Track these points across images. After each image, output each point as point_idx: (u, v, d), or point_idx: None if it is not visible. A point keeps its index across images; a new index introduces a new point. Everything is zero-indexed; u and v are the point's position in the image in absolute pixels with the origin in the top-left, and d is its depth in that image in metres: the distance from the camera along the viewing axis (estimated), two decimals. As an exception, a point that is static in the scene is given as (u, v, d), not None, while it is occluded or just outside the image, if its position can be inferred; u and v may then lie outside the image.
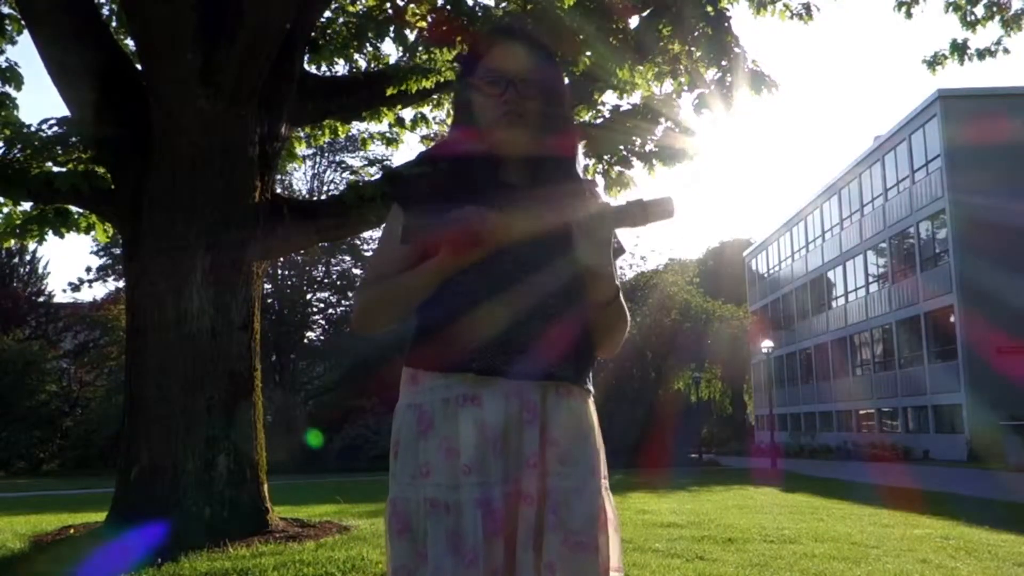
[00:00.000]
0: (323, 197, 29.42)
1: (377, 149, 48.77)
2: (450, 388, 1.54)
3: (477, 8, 6.58)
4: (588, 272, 1.55)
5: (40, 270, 37.49)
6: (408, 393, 1.60)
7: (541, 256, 1.55)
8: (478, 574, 1.45)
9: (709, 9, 6.50)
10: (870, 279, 35.74)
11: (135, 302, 5.87)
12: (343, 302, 36.79)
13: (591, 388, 1.64)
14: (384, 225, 1.68)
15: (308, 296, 36.80)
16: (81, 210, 7.07)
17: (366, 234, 34.09)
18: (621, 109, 7.56)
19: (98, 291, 61.52)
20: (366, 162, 29.99)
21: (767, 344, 30.59)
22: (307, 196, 33.13)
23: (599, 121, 7.59)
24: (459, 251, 1.48)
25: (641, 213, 1.45)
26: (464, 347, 1.53)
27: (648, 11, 7.37)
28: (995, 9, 8.93)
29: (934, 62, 9.44)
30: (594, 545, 1.51)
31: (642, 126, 7.36)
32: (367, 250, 35.17)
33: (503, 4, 7.16)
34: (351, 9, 8.18)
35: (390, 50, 63.88)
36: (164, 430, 5.51)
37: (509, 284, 1.54)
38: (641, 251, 41.62)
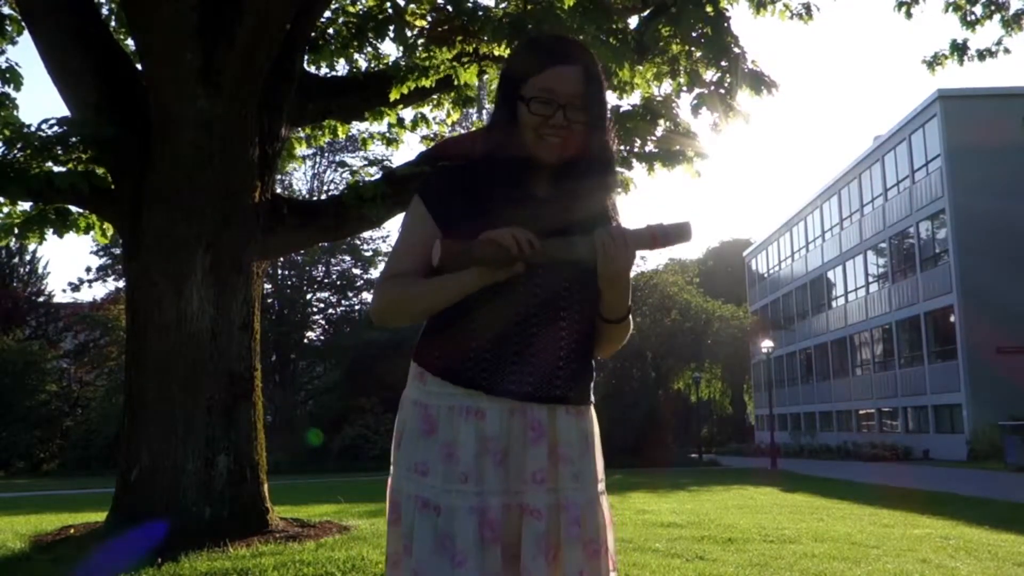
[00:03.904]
0: (323, 197, 29.42)
1: (377, 149, 48.79)
2: (455, 397, 1.58)
3: (477, 8, 6.57)
4: (604, 291, 1.60)
5: (40, 270, 37.54)
6: (416, 388, 1.64)
7: (555, 278, 1.59)
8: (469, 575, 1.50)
9: (709, 9, 6.49)
10: (870, 279, 35.74)
11: (135, 302, 5.87)
12: (343, 302, 36.83)
13: (593, 399, 1.69)
14: (405, 216, 1.70)
15: (308, 296, 36.82)
16: (81, 210, 7.07)
17: (366, 234, 34.18)
18: (621, 109, 7.55)
19: (98, 291, 61.56)
20: (366, 162, 29.96)
21: (767, 344, 30.58)
22: (307, 196, 33.14)
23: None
24: (492, 271, 1.51)
25: (661, 237, 1.52)
26: (473, 363, 1.57)
27: (648, 11, 7.37)
28: (994, 8, 8.93)
29: (934, 62, 9.45)
30: (604, 549, 1.61)
31: (642, 126, 7.35)
32: (367, 250, 35.21)
33: (503, 4, 7.16)
34: (351, 9, 8.18)
35: (390, 50, 63.88)
36: (164, 430, 5.50)
37: (520, 300, 1.57)
38: (641, 251, 41.40)
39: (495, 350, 1.57)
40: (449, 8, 6.67)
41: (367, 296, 35.05)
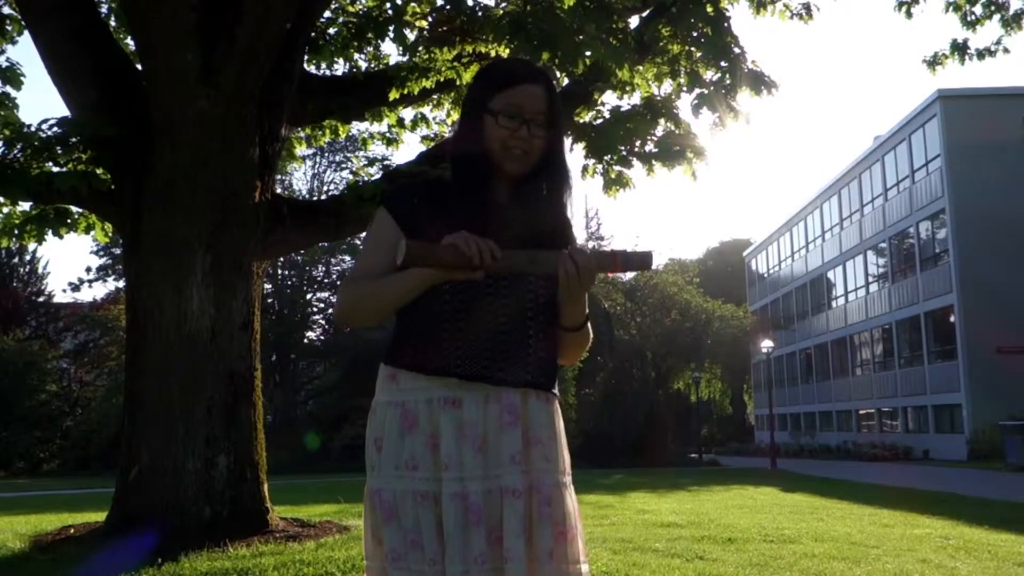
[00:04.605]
0: (323, 197, 29.42)
1: (377, 149, 48.82)
2: (432, 390, 1.67)
3: (477, 8, 6.57)
4: (564, 304, 1.71)
5: (40, 270, 37.52)
6: (388, 390, 1.73)
7: (524, 292, 1.71)
8: (456, 558, 1.59)
9: (709, 9, 6.49)
10: (870, 279, 35.73)
11: (135, 302, 5.87)
12: (343, 302, 36.70)
13: (557, 393, 1.79)
14: (370, 226, 1.79)
15: (308, 296, 36.82)
16: (81, 210, 7.06)
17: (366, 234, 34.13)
18: (621, 109, 7.54)
19: (98, 291, 61.52)
20: (366, 162, 29.94)
21: (767, 344, 30.56)
22: (307, 196, 33.13)
23: (599, 121, 7.57)
24: (453, 274, 1.60)
25: (623, 263, 1.65)
26: (447, 353, 1.66)
27: (648, 11, 7.36)
28: (994, 8, 8.94)
29: (934, 62, 9.46)
30: (573, 534, 1.68)
31: (642, 126, 7.34)
32: (367, 250, 35.12)
33: (503, 4, 7.16)
34: (351, 9, 8.18)
35: (390, 50, 63.62)
36: (164, 430, 5.50)
37: (490, 296, 1.67)
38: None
39: (468, 345, 1.65)
40: (449, 8, 6.67)
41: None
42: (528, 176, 1.73)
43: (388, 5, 7.55)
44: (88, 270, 54.86)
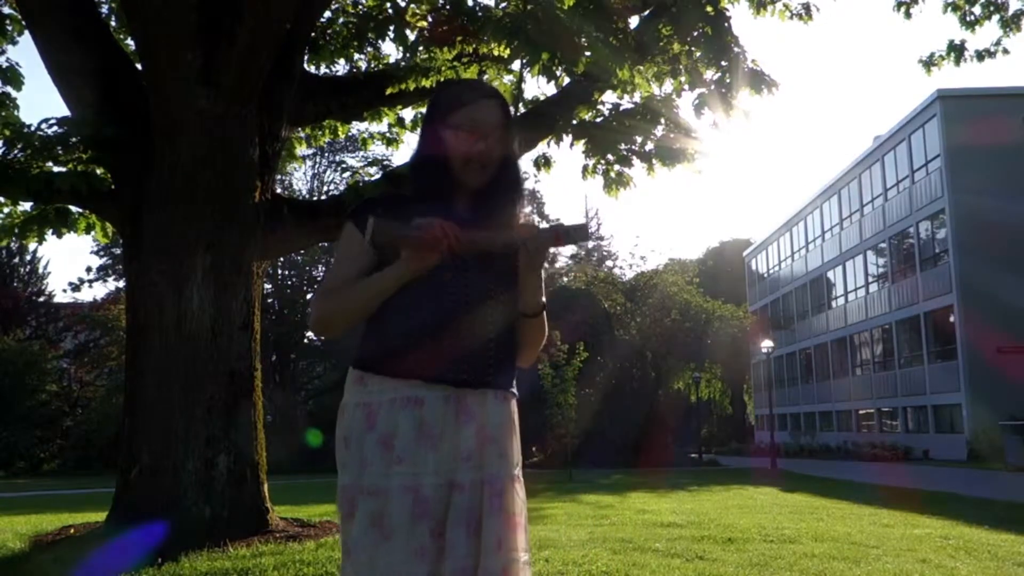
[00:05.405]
0: (323, 197, 29.42)
1: (377, 149, 48.82)
2: (397, 390, 1.77)
3: (477, 8, 6.57)
4: (522, 284, 1.82)
5: (40, 270, 37.53)
6: (356, 392, 1.82)
7: (482, 283, 1.80)
8: (398, 549, 1.67)
9: (709, 9, 6.49)
10: (870, 279, 35.75)
11: (135, 302, 5.87)
12: (343, 302, 36.68)
13: (515, 392, 1.89)
14: (339, 242, 1.90)
15: (308, 296, 36.81)
16: (81, 210, 7.07)
17: (366, 234, 34.05)
18: (621, 109, 7.55)
19: (98, 291, 61.50)
20: (366, 162, 29.94)
21: (767, 344, 30.55)
22: (307, 196, 33.14)
23: (599, 121, 7.58)
24: (420, 255, 1.70)
25: (563, 236, 1.75)
26: (412, 358, 1.76)
27: (648, 11, 7.37)
28: (993, 8, 8.93)
29: (930, 63, 9.45)
30: (524, 524, 1.78)
31: (642, 126, 7.35)
32: (367, 250, 35.10)
33: (503, 4, 7.16)
34: (351, 9, 8.18)
35: (390, 50, 63.62)
36: (164, 430, 5.50)
37: (453, 305, 1.78)
38: (641, 251, 41.62)
39: (432, 345, 1.76)
40: (449, 8, 6.67)
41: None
42: (486, 188, 1.84)
43: (388, 5, 7.55)
44: (88, 270, 54.84)
